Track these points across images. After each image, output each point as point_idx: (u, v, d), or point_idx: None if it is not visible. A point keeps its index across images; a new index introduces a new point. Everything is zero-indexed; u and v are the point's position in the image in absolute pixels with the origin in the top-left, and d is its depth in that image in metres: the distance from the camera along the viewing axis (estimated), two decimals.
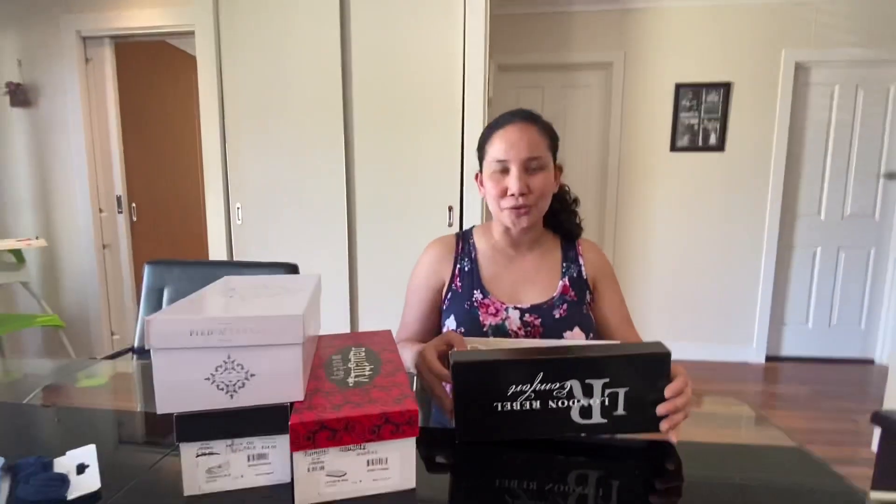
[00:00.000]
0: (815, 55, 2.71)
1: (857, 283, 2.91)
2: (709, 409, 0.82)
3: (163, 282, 1.22)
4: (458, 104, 1.98)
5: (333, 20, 1.98)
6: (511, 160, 0.84)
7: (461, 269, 0.93)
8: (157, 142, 3.01)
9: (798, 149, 2.84)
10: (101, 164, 2.70)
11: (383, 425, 0.48)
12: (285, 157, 2.10)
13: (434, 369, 0.66)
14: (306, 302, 0.53)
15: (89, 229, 2.68)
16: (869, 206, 2.84)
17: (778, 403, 2.39)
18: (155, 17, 2.48)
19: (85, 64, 2.62)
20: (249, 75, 2.07)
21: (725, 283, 2.92)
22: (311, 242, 2.13)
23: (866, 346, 2.95)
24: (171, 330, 0.45)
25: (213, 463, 0.49)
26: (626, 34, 2.81)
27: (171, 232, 3.11)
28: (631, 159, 2.90)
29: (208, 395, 0.47)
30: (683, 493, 0.53)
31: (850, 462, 1.84)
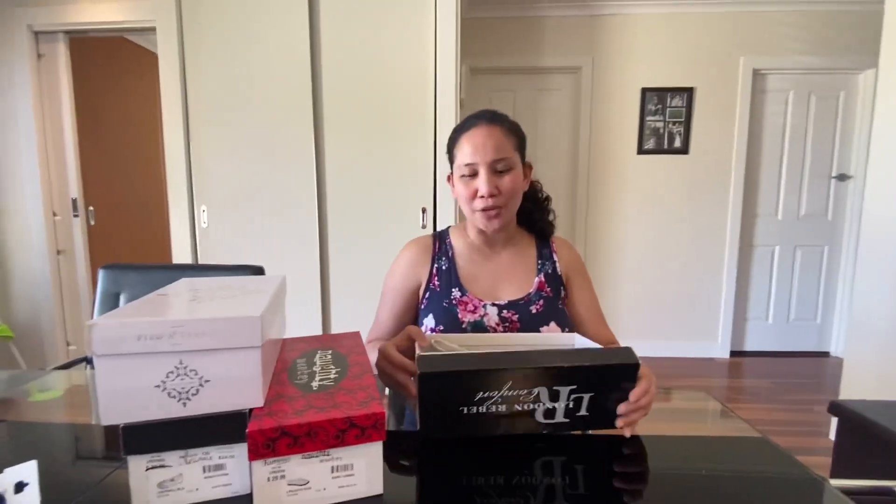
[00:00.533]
0: (771, 62, 2.83)
1: (813, 280, 3.05)
2: (676, 404, 0.84)
3: (119, 287, 1.16)
4: (431, 106, 1.98)
5: (302, 18, 1.95)
6: (479, 163, 0.85)
7: (439, 269, 0.93)
8: (117, 142, 2.88)
9: (757, 152, 2.96)
10: (54, 166, 2.56)
11: (348, 430, 0.46)
12: (253, 157, 2.04)
13: (395, 360, 0.66)
14: (266, 303, 0.50)
15: (42, 234, 2.53)
16: (822, 207, 2.99)
17: (742, 396, 2.48)
18: (112, 12, 2.37)
19: (37, 60, 2.49)
20: (214, 73, 2.01)
21: (691, 282, 3.01)
22: (281, 245, 2.07)
23: (822, 339, 3.09)
24: (116, 335, 0.42)
25: (164, 476, 0.46)
26: (594, 39, 2.87)
27: (131, 236, 2.97)
28: (600, 162, 2.96)
29: (158, 403, 0.44)
30: (652, 486, 0.54)
31: (809, 451, 1.91)
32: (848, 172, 2.94)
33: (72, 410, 0.87)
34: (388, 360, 0.67)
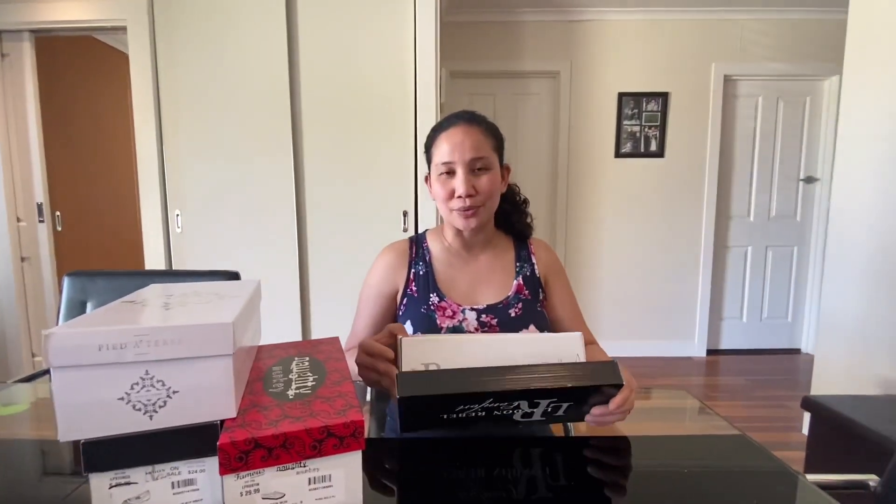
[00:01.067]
0: (740, 69, 2.92)
1: (784, 279, 3.14)
2: (657, 402, 0.85)
3: (85, 295, 1.11)
4: (411, 110, 1.97)
5: (280, 18, 1.92)
6: (456, 162, 0.84)
7: (416, 274, 0.92)
8: (85, 145, 2.78)
9: (729, 155, 3.04)
10: (18, 169, 2.45)
11: (325, 439, 0.44)
12: (229, 160, 1.99)
13: (374, 349, 0.64)
14: (239, 309, 0.48)
15: (5, 240, 2.42)
16: (791, 208, 3.09)
17: (718, 394, 2.53)
18: (81, 11, 2.29)
19: (0, 59, 2.38)
20: (188, 74, 1.96)
21: (668, 282, 3.07)
22: (259, 250, 2.03)
23: (793, 337, 3.19)
24: (75, 344, 0.39)
25: (129, 494, 0.43)
26: (572, 44, 2.91)
27: (101, 242, 2.87)
28: (578, 165, 3.00)
29: (122, 416, 0.42)
30: (635, 483, 0.53)
31: (784, 446, 1.96)
32: (815, 175, 3.05)
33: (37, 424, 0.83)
34: (366, 351, 0.65)
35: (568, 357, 0.62)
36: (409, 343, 0.61)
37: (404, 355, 0.61)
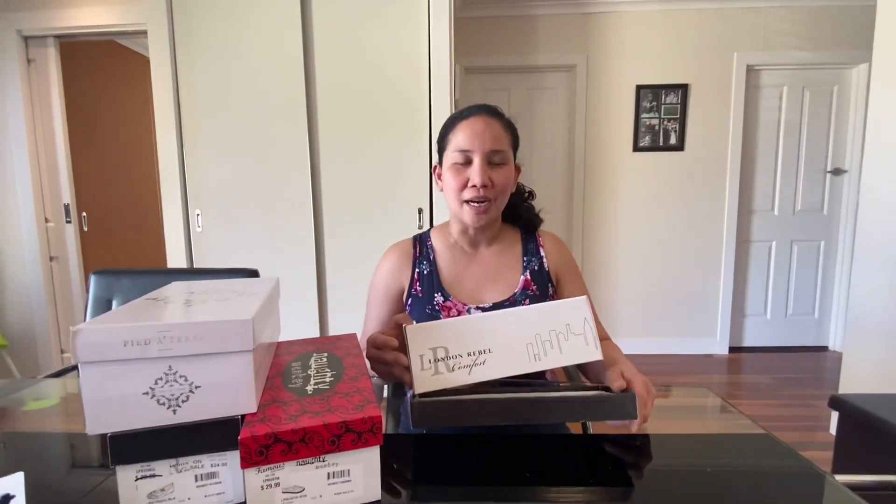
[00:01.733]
0: (764, 58, 2.84)
1: (810, 275, 3.05)
2: (677, 401, 0.83)
3: (111, 293, 1.14)
4: (425, 106, 1.97)
5: (295, 19, 1.93)
6: (475, 150, 0.82)
7: (420, 273, 0.90)
8: (109, 147, 2.86)
9: (752, 147, 2.96)
10: (46, 172, 2.54)
11: (344, 435, 0.44)
12: (247, 160, 2.02)
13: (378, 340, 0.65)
14: (258, 306, 0.49)
15: (34, 241, 2.51)
16: (818, 201, 2.99)
17: (741, 392, 2.48)
18: (103, 16, 2.35)
19: (27, 65, 2.46)
20: (207, 76, 1.99)
21: (688, 278, 3.01)
22: (277, 248, 2.06)
23: (820, 334, 3.10)
24: (101, 340, 0.40)
25: (155, 486, 0.44)
26: (588, 37, 2.87)
27: (125, 242, 2.95)
28: (595, 159, 2.96)
29: (147, 411, 0.43)
30: (656, 482, 0.53)
31: (810, 446, 1.91)
32: (843, 167, 2.94)
33: (66, 419, 0.85)
34: (372, 344, 0.66)
35: (576, 321, 0.62)
36: (413, 330, 0.62)
37: (410, 342, 0.61)
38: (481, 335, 0.61)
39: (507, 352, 0.61)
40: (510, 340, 0.62)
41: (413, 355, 0.61)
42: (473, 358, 0.61)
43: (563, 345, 0.62)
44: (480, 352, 0.61)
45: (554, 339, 0.62)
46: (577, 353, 0.62)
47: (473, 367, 0.60)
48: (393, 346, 0.64)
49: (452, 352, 0.61)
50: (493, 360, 0.61)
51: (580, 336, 0.62)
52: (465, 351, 0.61)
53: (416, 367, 0.60)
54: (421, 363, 0.60)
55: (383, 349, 0.65)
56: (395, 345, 0.64)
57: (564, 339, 0.62)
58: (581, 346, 0.62)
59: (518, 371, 0.61)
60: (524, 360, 0.61)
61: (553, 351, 0.62)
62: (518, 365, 0.61)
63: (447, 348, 0.61)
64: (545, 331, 0.62)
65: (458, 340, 0.61)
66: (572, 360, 0.62)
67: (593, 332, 0.63)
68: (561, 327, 0.63)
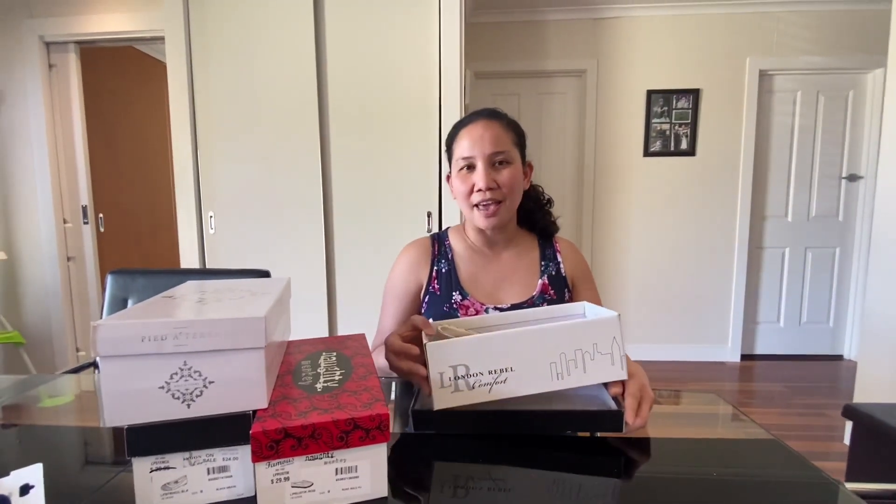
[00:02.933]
0: (777, 63, 2.81)
1: (825, 282, 3.00)
2: (685, 407, 0.82)
3: (127, 292, 1.17)
4: (435, 111, 1.98)
5: (307, 27, 1.97)
6: (476, 156, 0.84)
7: (438, 272, 0.91)
8: (126, 150, 2.92)
9: (764, 153, 2.93)
10: (65, 174, 2.60)
11: (352, 431, 0.45)
12: (259, 164, 2.05)
13: (396, 348, 0.66)
14: (270, 304, 0.50)
15: (52, 241, 2.57)
16: (833, 208, 2.95)
17: (753, 400, 2.44)
18: (122, 23, 2.41)
19: (48, 70, 2.53)
20: (222, 81, 2.03)
21: (699, 285, 2.98)
22: (288, 250, 2.08)
23: (835, 342, 3.04)
24: (120, 336, 0.42)
25: (169, 478, 0.45)
26: (598, 42, 2.87)
27: (140, 243, 3.00)
28: (606, 164, 2.95)
29: (163, 404, 0.44)
30: (662, 488, 0.52)
31: (824, 456, 1.88)
32: (858, 173, 2.90)
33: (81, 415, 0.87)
34: (391, 350, 0.67)
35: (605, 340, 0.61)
36: (434, 347, 0.60)
37: (430, 360, 0.60)
38: (504, 353, 0.61)
39: (530, 370, 0.61)
40: (533, 359, 0.61)
41: (433, 372, 0.60)
42: (494, 376, 0.60)
43: (587, 364, 0.61)
44: (502, 370, 0.61)
45: (579, 359, 0.61)
46: (601, 373, 0.61)
47: (494, 385, 0.60)
48: (412, 353, 0.64)
49: (473, 370, 0.60)
50: (515, 379, 0.61)
51: (607, 356, 0.61)
52: (486, 369, 0.60)
53: (435, 383, 0.60)
54: (441, 380, 0.60)
55: (401, 357, 0.65)
56: (414, 352, 0.64)
57: (590, 359, 0.61)
58: (606, 365, 0.61)
59: (539, 390, 0.61)
60: (546, 378, 0.61)
61: (577, 370, 0.61)
62: (540, 383, 0.61)
63: (468, 366, 0.60)
64: (571, 349, 0.61)
65: (480, 358, 0.60)
66: (596, 379, 0.61)
67: (621, 351, 0.61)
68: (588, 346, 0.61)
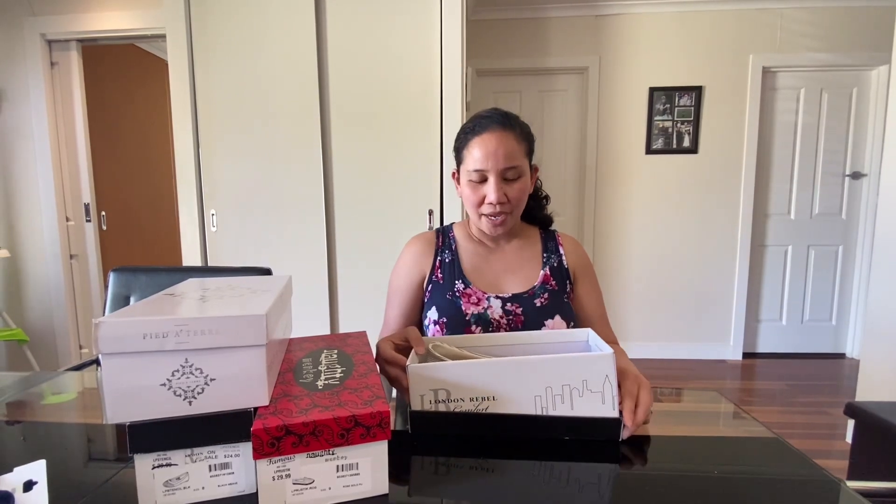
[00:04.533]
0: (780, 60, 2.80)
1: (827, 280, 2.99)
2: (687, 405, 0.82)
3: (129, 289, 1.17)
4: (436, 109, 1.98)
5: (309, 23, 1.96)
6: (489, 170, 0.84)
7: (442, 261, 0.93)
8: (128, 148, 2.93)
9: (767, 150, 2.92)
10: (67, 172, 2.60)
11: (353, 429, 0.45)
12: (261, 161, 2.05)
13: (386, 356, 0.68)
14: (271, 302, 0.50)
15: (55, 239, 2.58)
16: (836, 206, 2.94)
17: (755, 399, 2.44)
18: (124, 20, 2.41)
19: (50, 68, 2.53)
20: (223, 79, 2.03)
21: (701, 282, 2.97)
22: (289, 248, 2.08)
23: (838, 340, 3.03)
24: (122, 333, 0.42)
25: (171, 475, 0.46)
26: (600, 39, 2.86)
27: (143, 241, 3.01)
28: (608, 162, 2.94)
29: (164, 401, 0.44)
30: (663, 486, 0.52)
31: (826, 455, 1.87)
32: (862, 170, 2.89)
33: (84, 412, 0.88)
34: (381, 356, 0.69)
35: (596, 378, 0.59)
36: (416, 370, 0.60)
37: (412, 382, 0.60)
38: (486, 382, 0.60)
39: (513, 401, 0.60)
40: (517, 389, 0.60)
41: (413, 394, 0.60)
42: (475, 403, 0.60)
43: (575, 401, 0.60)
44: (483, 398, 0.60)
45: (566, 394, 0.59)
46: (589, 411, 0.60)
47: (475, 411, 0.60)
48: (400, 363, 0.66)
49: (454, 395, 0.60)
50: (497, 408, 0.60)
51: (597, 394, 0.60)
52: (467, 395, 0.60)
53: (415, 404, 0.60)
54: (421, 402, 0.60)
55: (391, 365, 0.67)
56: (402, 363, 0.65)
57: (578, 395, 0.59)
58: (596, 404, 0.60)
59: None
60: (529, 411, 0.60)
61: (563, 406, 0.60)
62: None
63: (449, 391, 0.60)
64: (557, 384, 0.59)
65: (462, 385, 0.60)
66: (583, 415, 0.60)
67: (613, 391, 0.59)
68: (576, 382, 0.59)
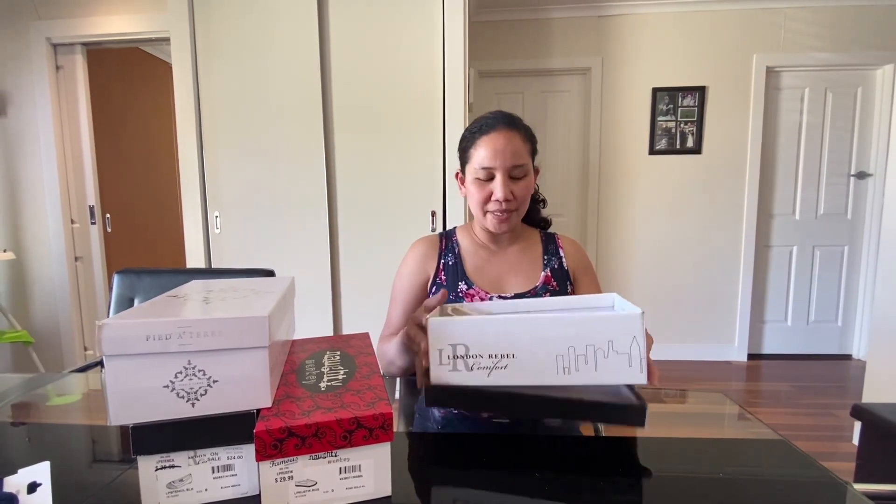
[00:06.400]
0: (784, 60, 2.78)
1: (833, 281, 2.97)
2: (692, 406, 0.82)
3: (133, 291, 1.18)
4: (439, 110, 1.98)
5: (312, 26, 1.97)
6: (497, 168, 0.86)
7: (445, 264, 0.95)
8: (133, 150, 2.94)
9: (772, 150, 2.91)
10: (72, 174, 2.62)
11: (355, 430, 0.45)
12: (264, 163, 2.06)
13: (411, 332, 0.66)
14: (274, 303, 0.50)
15: (60, 241, 2.59)
16: (841, 205, 2.92)
17: (760, 400, 2.42)
18: (128, 24, 2.43)
19: (56, 71, 2.55)
20: (227, 81, 2.04)
21: (706, 283, 2.96)
22: (292, 249, 2.09)
23: (844, 341, 3.01)
24: (126, 335, 0.42)
25: (174, 476, 0.46)
26: (603, 40, 2.85)
27: (147, 243, 3.03)
28: (611, 163, 2.94)
29: (167, 403, 0.44)
30: (664, 486, 0.52)
31: (832, 457, 1.86)
32: (867, 170, 2.87)
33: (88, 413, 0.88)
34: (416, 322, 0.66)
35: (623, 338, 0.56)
36: (436, 323, 0.58)
37: (431, 336, 0.58)
38: (506, 338, 0.58)
39: (533, 360, 0.58)
40: (538, 348, 0.57)
41: (432, 348, 0.59)
42: (495, 361, 0.58)
43: (600, 362, 0.57)
44: (503, 356, 0.58)
45: (591, 355, 0.57)
46: (615, 374, 0.57)
47: (494, 369, 0.58)
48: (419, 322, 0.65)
49: (473, 351, 0.58)
50: (516, 367, 0.58)
51: (623, 356, 0.56)
52: (486, 352, 0.58)
53: (434, 360, 0.59)
54: (439, 357, 0.58)
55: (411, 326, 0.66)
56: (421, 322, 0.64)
57: (603, 356, 0.57)
58: (622, 366, 0.56)
59: (542, 382, 0.58)
60: (551, 371, 0.57)
61: (587, 367, 0.57)
62: (543, 376, 0.58)
63: (468, 346, 0.58)
64: (581, 344, 0.57)
65: (481, 341, 0.58)
66: (608, 380, 0.57)
67: (641, 352, 0.56)
68: (602, 342, 0.56)
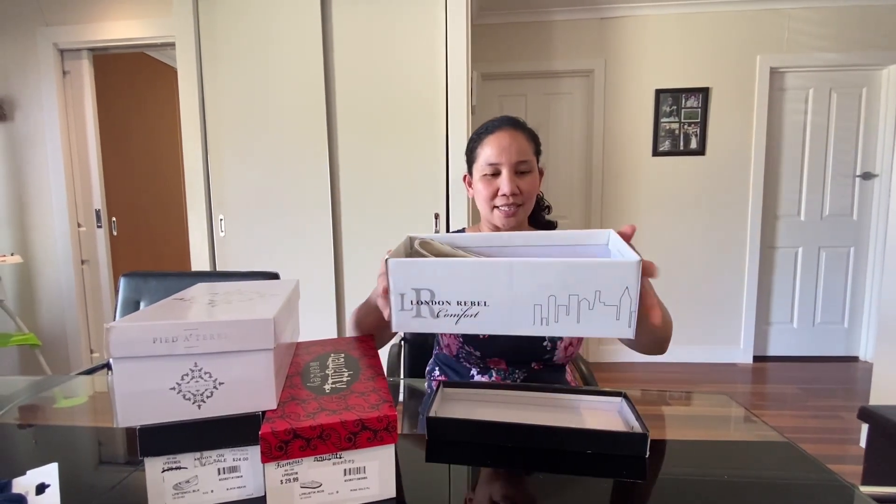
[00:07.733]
0: (788, 60, 2.78)
1: (839, 282, 2.95)
2: (697, 409, 0.82)
3: (139, 294, 1.19)
4: (442, 113, 1.99)
5: (315, 30, 1.98)
6: (503, 163, 0.90)
7: None
8: (138, 155, 2.97)
9: (776, 151, 2.89)
10: (79, 178, 2.65)
11: (360, 432, 0.46)
12: (269, 167, 2.07)
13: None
14: (279, 306, 0.51)
15: (67, 245, 2.61)
16: (846, 206, 2.90)
17: (766, 403, 2.40)
18: (134, 29, 2.45)
19: (62, 77, 2.58)
20: (231, 86, 2.05)
21: (711, 285, 2.94)
22: (296, 253, 2.10)
23: (850, 343, 2.99)
24: (133, 337, 0.43)
25: (180, 478, 0.46)
26: (606, 41, 2.85)
27: (152, 246, 3.05)
28: (614, 165, 2.93)
29: (174, 405, 0.44)
30: (674, 491, 0.52)
31: (839, 459, 1.84)
32: (873, 171, 2.85)
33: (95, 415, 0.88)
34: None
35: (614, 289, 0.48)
36: (396, 264, 0.52)
37: (392, 278, 0.52)
38: (478, 284, 0.51)
39: (507, 309, 0.51)
40: (513, 297, 0.50)
41: (393, 293, 0.52)
42: (463, 308, 0.52)
43: (583, 314, 0.49)
44: (474, 303, 0.51)
45: (573, 306, 0.49)
46: (600, 327, 0.49)
47: (462, 317, 0.52)
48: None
49: (439, 297, 0.51)
50: (488, 316, 0.51)
51: (611, 308, 0.49)
52: (455, 299, 0.51)
53: (395, 305, 0.52)
54: (402, 302, 0.52)
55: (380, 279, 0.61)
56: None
57: (588, 308, 0.49)
58: (609, 319, 0.49)
59: (516, 332, 0.51)
60: (527, 322, 0.51)
61: (567, 318, 0.50)
62: (518, 326, 0.51)
63: (433, 291, 0.52)
64: (563, 293, 0.49)
65: (449, 285, 0.51)
66: (592, 333, 0.50)
67: (633, 306, 0.48)
68: (587, 293, 0.49)
